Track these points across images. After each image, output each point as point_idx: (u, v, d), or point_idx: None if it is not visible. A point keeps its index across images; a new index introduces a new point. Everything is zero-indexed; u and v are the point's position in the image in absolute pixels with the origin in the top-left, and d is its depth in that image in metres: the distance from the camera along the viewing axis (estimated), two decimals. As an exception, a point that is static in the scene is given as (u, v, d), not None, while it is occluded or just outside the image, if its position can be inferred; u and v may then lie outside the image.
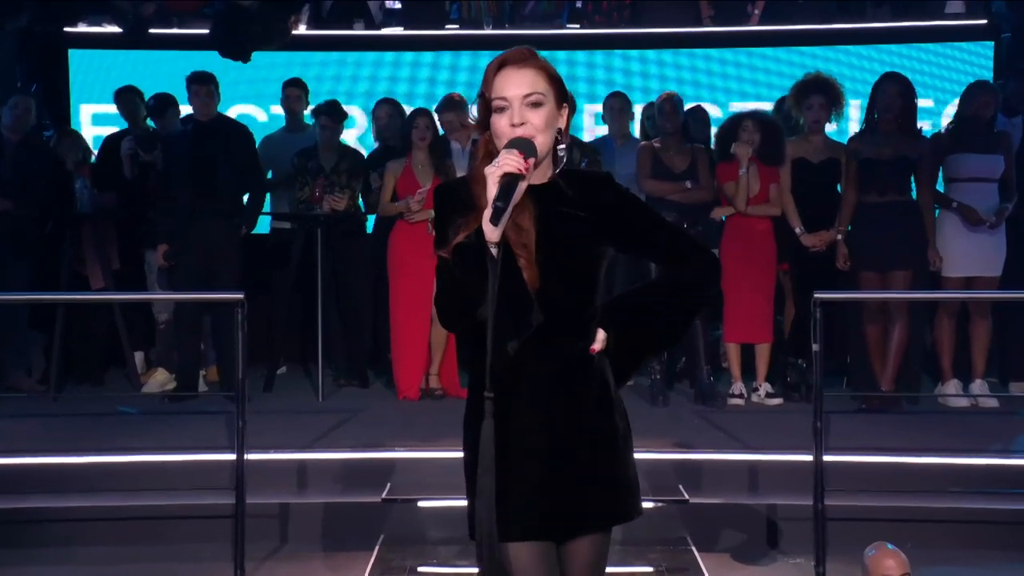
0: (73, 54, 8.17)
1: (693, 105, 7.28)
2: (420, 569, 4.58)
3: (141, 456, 5.16)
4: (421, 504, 4.90)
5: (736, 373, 6.38)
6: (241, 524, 4.42)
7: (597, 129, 7.75)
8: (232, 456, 4.53)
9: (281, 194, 7.30)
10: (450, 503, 4.66)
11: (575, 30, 8.36)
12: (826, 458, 4.42)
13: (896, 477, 4.93)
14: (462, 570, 4.60)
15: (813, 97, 6.38)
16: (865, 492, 4.77)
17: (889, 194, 6.16)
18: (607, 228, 2.42)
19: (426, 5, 8.35)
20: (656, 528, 4.69)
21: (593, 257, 2.41)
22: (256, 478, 4.68)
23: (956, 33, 8.05)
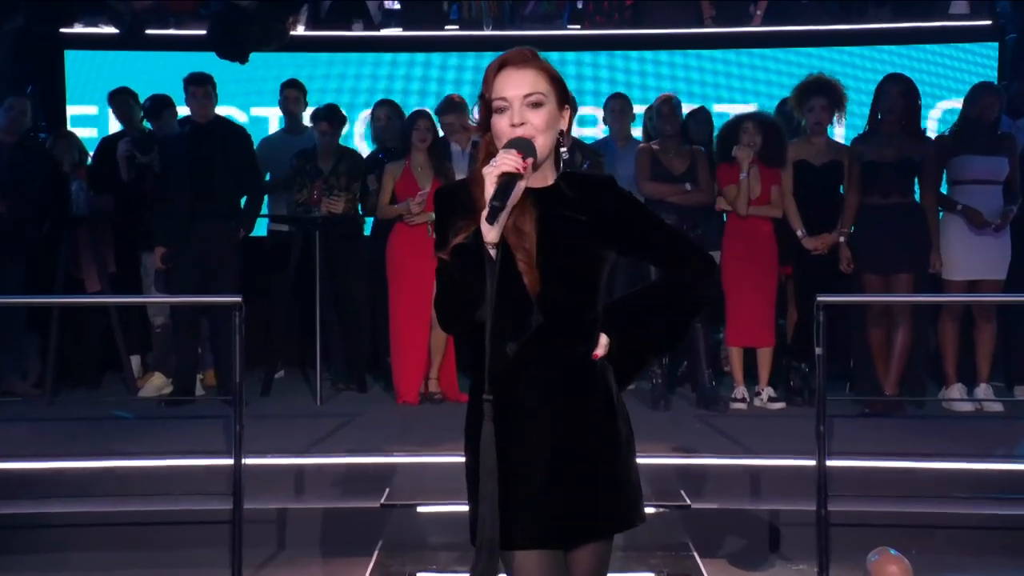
0: (69, 55, 8.13)
1: (697, 106, 7.24)
2: (419, 575, 4.54)
3: (137, 461, 5.14)
4: (420, 509, 4.87)
5: (738, 377, 6.35)
6: (239, 529, 4.38)
7: (584, 131, 7.69)
8: (229, 461, 4.50)
9: (279, 196, 7.27)
10: (449, 508, 4.65)
11: (576, 31, 8.32)
12: (829, 463, 4.39)
13: (900, 482, 4.91)
14: (461, 576, 4.57)
15: (815, 99, 6.34)
16: (868, 497, 4.75)
17: (892, 196, 6.13)
18: (608, 232, 2.40)
19: (426, 5, 8.31)
20: (658, 533, 4.66)
21: (594, 260, 2.39)
22: (254, 483, 4.65)
23: (960, 34, 8.02)
